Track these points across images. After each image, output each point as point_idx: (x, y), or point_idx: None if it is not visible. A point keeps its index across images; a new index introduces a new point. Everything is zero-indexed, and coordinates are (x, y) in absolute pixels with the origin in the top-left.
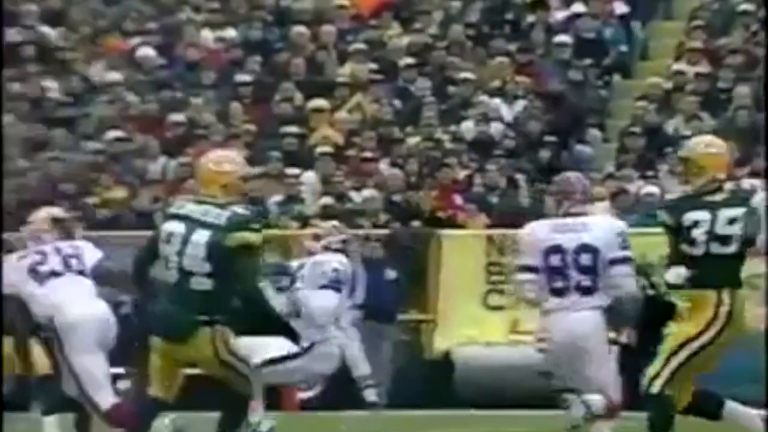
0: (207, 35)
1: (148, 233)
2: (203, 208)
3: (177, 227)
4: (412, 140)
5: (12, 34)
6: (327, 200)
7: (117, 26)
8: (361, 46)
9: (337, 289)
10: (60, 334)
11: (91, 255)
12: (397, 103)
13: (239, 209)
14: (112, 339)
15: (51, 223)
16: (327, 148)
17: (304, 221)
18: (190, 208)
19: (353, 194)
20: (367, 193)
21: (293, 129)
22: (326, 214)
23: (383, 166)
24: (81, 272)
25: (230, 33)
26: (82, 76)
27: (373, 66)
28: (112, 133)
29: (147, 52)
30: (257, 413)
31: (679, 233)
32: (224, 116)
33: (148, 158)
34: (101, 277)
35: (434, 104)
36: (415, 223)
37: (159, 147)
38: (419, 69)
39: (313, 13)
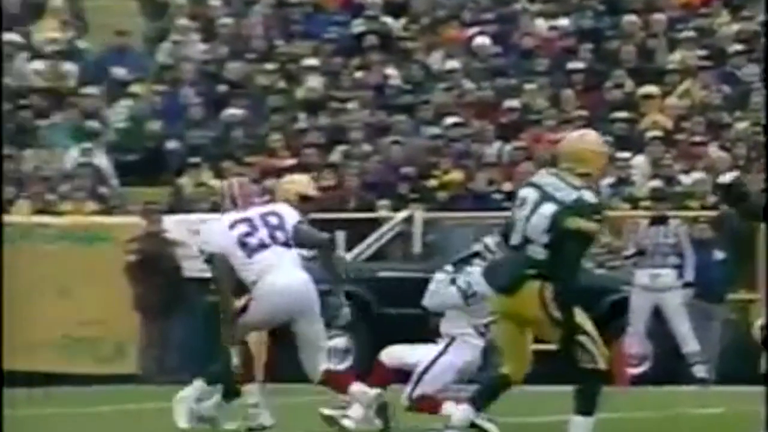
0: (541, 24)
1: (485, 214)
2: (558, 184)
3: (531, 194)
4: (741, 125)
5: (356, 25)
6: (657, 183)
7: (456, 16)
8: (691, 33)
9: (465, 296)
10: (255, 299)
11: (291, 220)
12: (726, 88)
13: (589, 195)
14: (311, 306)
15: (299, 198)
16: (657, 133)
17: (635, 203)
18: (548, 180)
19: (682, 177)
20: (696, 175)
21: (624, 114)
22: (656, 196)
23: (712, 149)
24: (285, 243)
25: (563, 22)
26: (422, 64)
27: (702, 53)
28: (450, 119)
29: (484, 41)
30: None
31: None
32: (557, 102)
33: (484, 142)
34: (298, 239)
35: (762, 90)
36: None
37: (494, 132)
38: (748, 55)
39: (643, 2)
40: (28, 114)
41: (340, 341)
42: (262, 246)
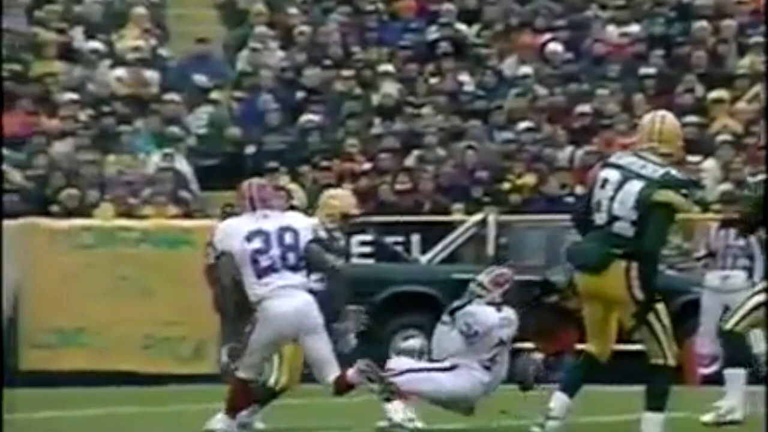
0: (612, 31)
1: (557, 217)
2: (642, 162)
3: (613, 174)
4: None
5: (431, 32)
6: (727, 186)
7: (528, 23)
8: (760, 39)
9: (467, 336)
10: (260, 321)
11: (305, 238)
12: None
13: (675, 171)
14: (315, 324)
15: (340, 217)
16: (727, 137)
17: (706, 206)
18: (629, 160)
19: (752, 180)
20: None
21: (694, 119)
22: (726, 199)
23: None
24: (294, 266)
25: (634, 28)
26: (495, 70)
27: None
28: (523, 124)
29: (556, 47)
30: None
31: None
32: (628, 107)
33: (556, 147)
34: (307, 259)
35: None
36: None
37: (566, 136)
38: None
39: (713, 8)
40: (111, 120)
41: (416, 342)
42: (272, 269)
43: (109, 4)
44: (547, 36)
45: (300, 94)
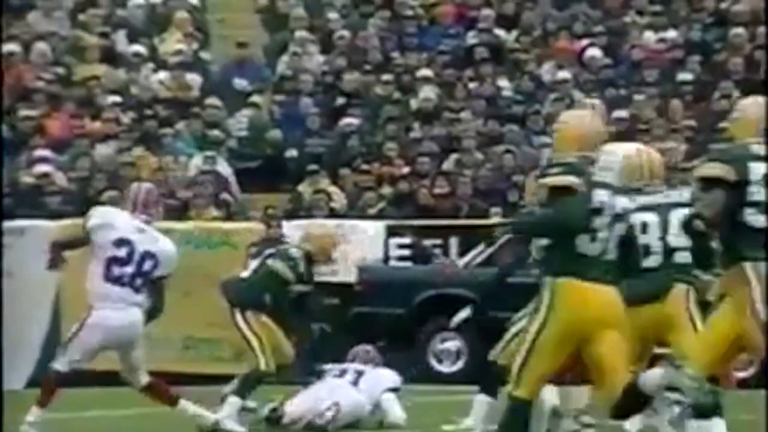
0: (650, 36)
1: None
2: (661, 192)
3: (649, 217)
4: None
5: (469, 37)
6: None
7: (566, 29)
8: None
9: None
10: (87, 326)
11: (159, 272)
12: None
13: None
14: (136, 338)
15: (321, 252)
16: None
17: None
18: (649, 199)
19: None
20: None
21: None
22: None
23: None
24: (137, 288)
25: (672, 34)
26: (533, 75)
27: None
28: None
29: (594, 52)
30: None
31: None
32: (665, 112)
33: None
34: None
35: None
36: None
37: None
38: None
39: (750, 15)
40: (153, 123)
41: (452, 344)
42: (119, 281)
43: (151, 8)
44: (585, 41)
45: (340, 98)
